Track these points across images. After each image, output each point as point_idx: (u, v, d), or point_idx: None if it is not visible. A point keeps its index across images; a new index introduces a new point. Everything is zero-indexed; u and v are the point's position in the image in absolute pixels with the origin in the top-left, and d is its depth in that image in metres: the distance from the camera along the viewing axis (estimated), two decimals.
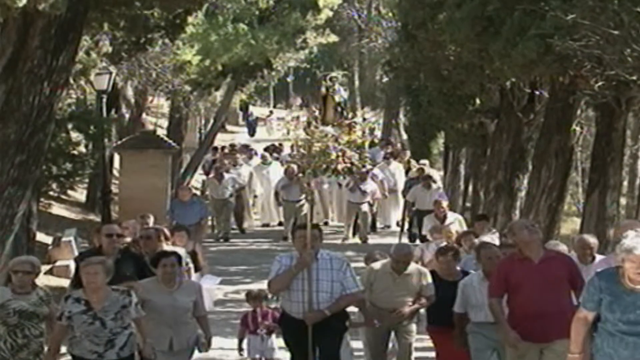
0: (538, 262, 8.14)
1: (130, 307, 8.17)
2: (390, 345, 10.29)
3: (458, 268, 10.37)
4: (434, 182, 19.84)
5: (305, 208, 18.96)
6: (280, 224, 22.39)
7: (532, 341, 8.15)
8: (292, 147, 21.90)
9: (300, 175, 20.50)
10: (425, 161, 23.42)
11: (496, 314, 8.38)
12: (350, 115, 22.75)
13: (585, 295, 6.93)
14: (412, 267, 10.04)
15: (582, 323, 6.90)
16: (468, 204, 25.61)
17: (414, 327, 10.20)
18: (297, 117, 21.34)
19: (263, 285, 10.85)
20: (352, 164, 21.38)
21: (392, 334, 10.22)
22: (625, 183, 24.48)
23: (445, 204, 16.17)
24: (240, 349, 10.91)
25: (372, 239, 20.44)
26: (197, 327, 9.31)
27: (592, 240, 9.86)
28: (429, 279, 9.96)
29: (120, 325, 8.09)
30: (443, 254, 10.32)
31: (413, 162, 23.79)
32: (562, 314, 7.84)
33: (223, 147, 28.26)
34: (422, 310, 10.25)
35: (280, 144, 27.79)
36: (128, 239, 11.51)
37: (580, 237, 10.15)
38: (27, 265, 8.62)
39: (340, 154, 21.11)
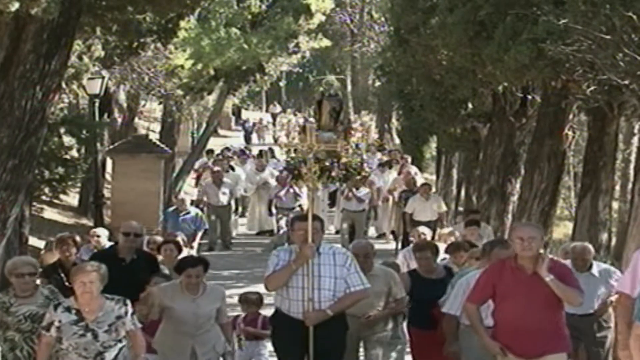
0: (532, 274, 7.46)
1: (125, 318, 7.54)
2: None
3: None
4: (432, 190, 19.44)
5: None
6: (271, 233, 21.83)
7: (519, 356, 7.59)
8: (287, 152, 21.92)
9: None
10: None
11: (474, 321, 7.80)
12: (346, 121, 22.84)
13: None
14: (377, 267, 9.36)
15: None
16: (460, 208, 25.63)
17: (387, 337, 9.34)
18: (288, 121, 21.48)
19: (256, 288, 10.76)
20: (347, 170, 21.38)
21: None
22: (618, 187, 24.52)
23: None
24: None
25: None
26: (220, 335, 8.82)
27: (587, 247, 9.74)
28: (398, 280, 9.32)
29: (114, 338, 7.49)
30: (421, 250, 9.94)
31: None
32: (553, 330, 7.49)
33: (222, 151, 28.23)
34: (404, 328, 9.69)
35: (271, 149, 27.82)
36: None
37: (575, 245, 9.98)
38: (31, 267, 8.12)
39: (335, 160, 21.12)
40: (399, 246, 18.76)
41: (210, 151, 28.07)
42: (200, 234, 16.56)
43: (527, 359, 7.56)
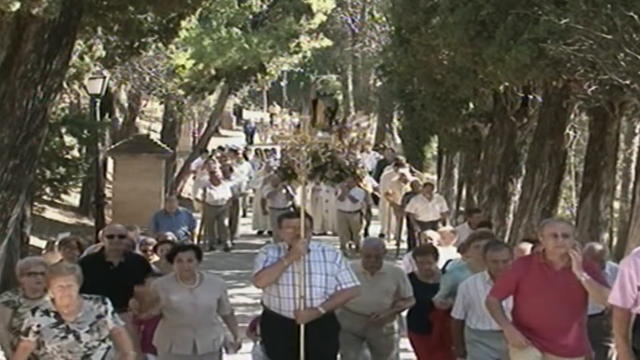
0: (559, 270, 7.24)
1: (106, 317, 7.21)
2: None
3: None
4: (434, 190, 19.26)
5: None
6: (270, 233, 21.65)
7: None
8: (282, 151, 21.87)
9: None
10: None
11: (496, 313, 7.57)
12: (341, 120, 22.78)
13: None
14: (386, 265, 9.30)
15: None
16: (462, 208, 25.60)
17: (394, 339, 9.34)
18: (283, 121, 21.50)
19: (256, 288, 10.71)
20: (341, 170, 21.32)
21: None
22: (619, 187, 24.52)
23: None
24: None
25: None
26: (223, 328, 8.70)
27: (599, 247, 9.61)
28: (406, 278, 9.26)
29: (97, 338, 7.16)
30: (422, 254, 9.80)
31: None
32: (574, 329, 7.28)
33: (213, 150, 28.21)
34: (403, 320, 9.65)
35: (274, 149, 27.80)
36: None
37: (593, 246, 9.73)
38: (43, 267, 7.99)
39: (329, 159, 21.07)
40: (405, 247, 18.77)
41: (205, 151, 28.06)
42: (196, 232, 16.56)
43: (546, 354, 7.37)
